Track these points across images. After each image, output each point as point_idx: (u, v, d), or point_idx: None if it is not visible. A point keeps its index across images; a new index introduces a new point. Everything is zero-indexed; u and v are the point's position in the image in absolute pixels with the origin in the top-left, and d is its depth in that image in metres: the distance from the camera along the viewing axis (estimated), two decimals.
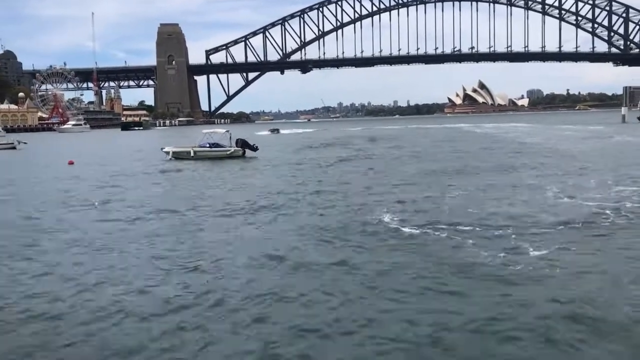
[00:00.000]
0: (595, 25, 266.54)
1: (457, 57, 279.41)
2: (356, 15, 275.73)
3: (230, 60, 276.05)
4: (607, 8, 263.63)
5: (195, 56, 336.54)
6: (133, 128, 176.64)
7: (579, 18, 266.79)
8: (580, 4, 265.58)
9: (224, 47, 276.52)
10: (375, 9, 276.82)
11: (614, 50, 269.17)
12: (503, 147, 45.99)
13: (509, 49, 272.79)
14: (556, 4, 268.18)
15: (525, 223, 14.40)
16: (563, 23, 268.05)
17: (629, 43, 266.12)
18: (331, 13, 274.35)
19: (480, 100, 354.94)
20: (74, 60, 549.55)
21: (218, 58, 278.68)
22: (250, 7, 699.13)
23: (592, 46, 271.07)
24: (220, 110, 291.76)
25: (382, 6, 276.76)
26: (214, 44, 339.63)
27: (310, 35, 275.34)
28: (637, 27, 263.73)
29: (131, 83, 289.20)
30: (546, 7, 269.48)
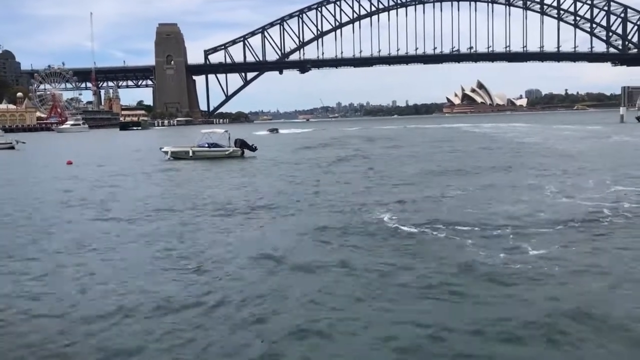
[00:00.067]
0: (594, 25, 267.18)
1: (456, 57, 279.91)
2: (355, 15, 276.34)
3: (228, 60, 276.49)
4: (606, 8, 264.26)
5: (194, 56, 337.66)
6: (131, 128, 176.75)
7: (578, 18, 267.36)
8: (579, 4, 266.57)
9: (223, 47, 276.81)
10: (373, 9, 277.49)
11: (612, 50, 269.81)
12: (502, 147, 46.04)
13: (508, 49, 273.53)
14: (554, 4, 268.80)
15: (524, 223, 14.45)
16: (561, 23, 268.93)
17: (627, 43, 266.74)
18: (330, 13, 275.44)
19: (479, 100, 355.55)
20: (72, 60, 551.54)
21: (217, 58, 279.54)
22: (249, 7, 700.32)
23: (591, 46, 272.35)
24: (219, 110, 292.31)
25: (381, 6, 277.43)
26: (213, 44, 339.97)
27: (308, 35, 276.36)
28: (636, 27, 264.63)
29: (130, 83, 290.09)
30: (544, 7, 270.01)
